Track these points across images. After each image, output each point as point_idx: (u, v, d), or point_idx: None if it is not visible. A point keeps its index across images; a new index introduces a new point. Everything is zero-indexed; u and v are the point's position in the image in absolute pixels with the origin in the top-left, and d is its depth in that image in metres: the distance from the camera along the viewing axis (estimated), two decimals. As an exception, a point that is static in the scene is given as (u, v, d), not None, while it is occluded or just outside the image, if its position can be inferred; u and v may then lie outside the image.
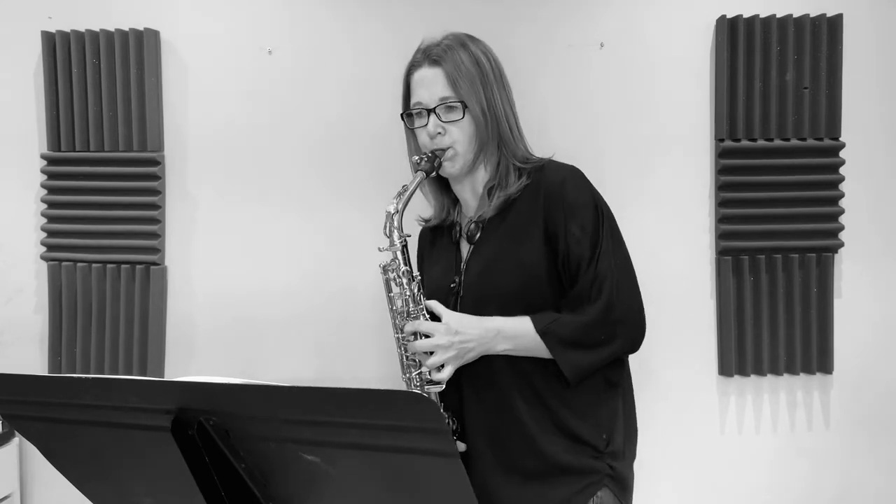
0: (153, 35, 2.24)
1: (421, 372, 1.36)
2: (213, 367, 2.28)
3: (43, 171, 2.29)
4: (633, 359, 2.22)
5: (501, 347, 1.34)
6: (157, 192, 2.26)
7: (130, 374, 2.26)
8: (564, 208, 1.35)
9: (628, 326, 1.36)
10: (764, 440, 2.28)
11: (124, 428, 0.87)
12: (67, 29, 2.25)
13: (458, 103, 1.38)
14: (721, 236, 2.21)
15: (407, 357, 1.38)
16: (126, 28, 2.24)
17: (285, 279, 2.27)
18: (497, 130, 1.41)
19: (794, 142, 2.19)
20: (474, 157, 1.42)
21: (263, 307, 2.28)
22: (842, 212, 2.20)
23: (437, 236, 1.55)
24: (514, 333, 1.33)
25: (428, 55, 1.41)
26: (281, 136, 2.26)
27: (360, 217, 2.25)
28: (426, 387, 1.36)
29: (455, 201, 1.53)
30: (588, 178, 1.40)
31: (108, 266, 2.28)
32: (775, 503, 2.29)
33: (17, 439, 2.31)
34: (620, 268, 1.36)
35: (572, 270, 1.35)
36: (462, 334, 1.32)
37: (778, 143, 2.19)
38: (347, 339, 2.26)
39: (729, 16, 2.17)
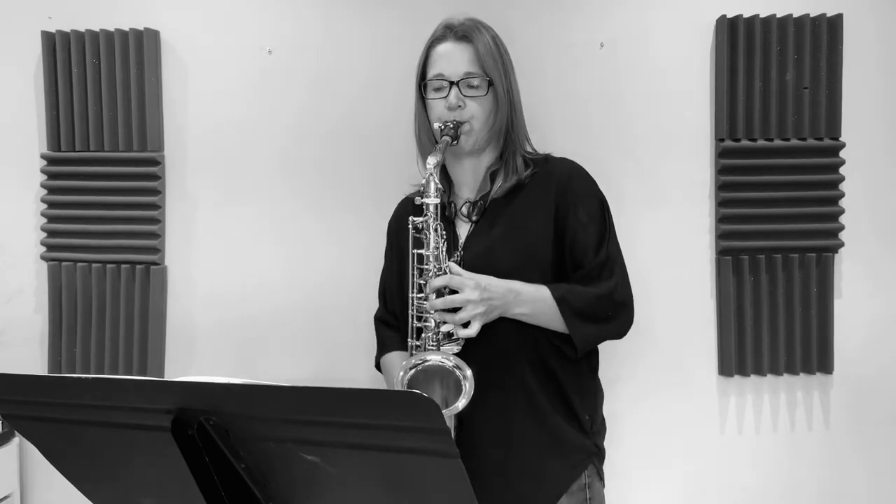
0: (153, 35, 2.24)
1: (439, 331, 1.34)
2: (213, 367, 2.28)
3: (43, 171, 2.29)
4: (632, 358, 2.23)
5: (518, 311, 1.37)
6: (157, 192, 2.26)
7: (130, 374, 2.26)
8: (573, 198, 1.42)
9: (626, 310, 1.45)
10: (764, 440, 2.28)
11: (124, 428, 0.87)
12: (67, 29, 2.25)
13: (484, 80, 1.41)
14: (721, 236, 2.21)
15: (422, 318, 1.37)
16: (126, 28, 2.24)
17: (286, 279, 2.27)
18: (511, 115, 1.46)
19: (794, 142, 2.19)
20: (488, 135, 1.45)
21: (264, 307, 2.28)
22: (842, 212, 2.20)
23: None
24: (533, 298, 1.37)
25: (454, 30, 1.44)
26: (281, 135, 2.26)
27: (361, 217, 2.25)
28: (443, 347, 1.35)
29: (448, 181, 1.55)
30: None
31: (108, 266, 2.28)
32: (775, 503, 2.29)
33: (17, 439, 2.31)
34: (621, 257, 1.47)
35: (577, 256, 1.42)
36: (489, 290, 1.33)
37: (778, 143, 2.19)
38: (347, 339, 2.26)
39: (729, 16, 2.17)
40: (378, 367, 1.67)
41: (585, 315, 1.38)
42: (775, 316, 2.22)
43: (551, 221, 1.41)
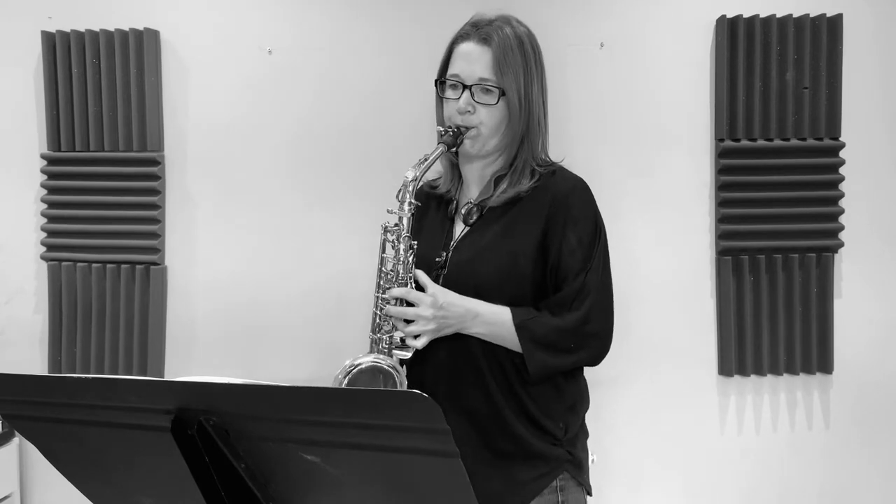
0: (153, 35, 2.24)
1: (392, 335, 1.37)
2: (213, 368, 2.28)
3: (43, 171, 2.29)
4: (632, 358, 2.24)
5: (475, 330, 1.38)
6: (157, 192, 2.26)
7: (130, 374, 2.26)
8: (567, 218, 1.38)
9: (598, 342, 1.42)
10: (764, 440, 2.28)
11: (124, 428, 0.87)
12: (67, 29, 2.25)
13: (497, 89, 1.38)
14: (721, 236, 2.21)
15: (381, 317, 1.40)
16: (126, 28, 2.24)
17: (285, 279, 2.27)
18: (526, 123, 1.42)
19: (794, 142, 2.19)
20: (497, 143, 1.43)
21: (263, 307, 2.28)
22: (842, 212, 2.20)
23: (431, 203, 1.54)
24: (492, 321, 1.37)
25: (478, 30, 1.40)
26: (281, 136, 2.26)
27: (361, 216, 2.25)
28: (394, 351, 1.38)
29: (460, 176, 1.53)
30: (593, 193, 1.44)
31: (108, 266, 2.28)
32: (775, 503, 2.29)
33: (17, 439, 2.31)
34: (604, 288, 1.42)
35: (559, 278, 1.39)
36: (445, 310, 1.35)
37: (778, 143, 2.19)
38: (347, 338, 2.26)
39: (729, 16, 2.17)
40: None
41: (545, 344, 1.36)
42: (775, 316, 2.22)
43: (539, 238, 1.39)
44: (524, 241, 1.39)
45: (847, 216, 2.21)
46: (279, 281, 2.27)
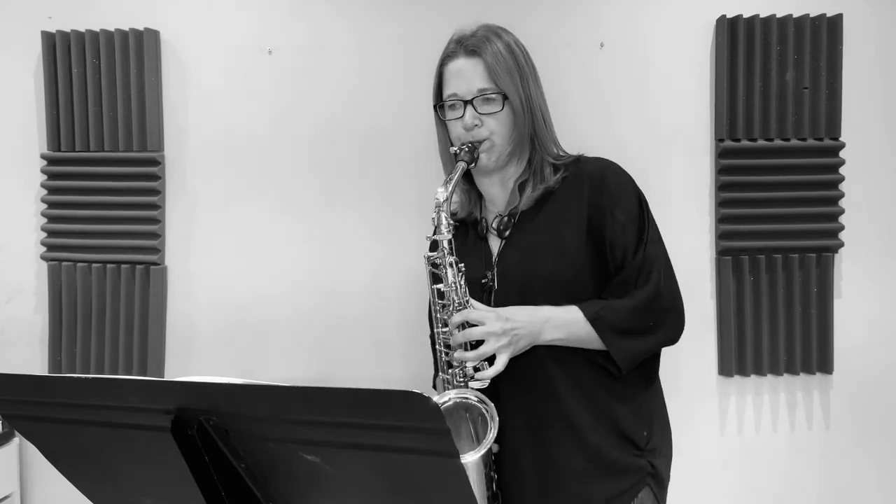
0: (153, 35, 2.24)
1: (465, 367, 1.29)
2: (213, 368, 2.28)
3: (43, 171, 2.29)
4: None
5: (550, 336, 1.29)
6: (157, 192, 2.26)
7: (130, 374, 2.26)
8: (608, 198, 1.34)
9: (673, 315, 1.36)
10: (764, 440, 2.28)
11: (124, 428, 0.87)
12: (67, 29, 2.25)
13: (498, 95, 1.35)
14: (721, 236, 2.21)
15: (447, 353, 1.32)
16: (126, 28, 2.24)
17: (285, 279, 2.27)
18: (532, 124, 1.39)
19: (794, 142, 2.19)
20: (511, 150, 1.39)
21: (263, 307, 2.28)
22: (842, 212, 2.20)
23: (457, 233, 1.46)
24: (565, 322, 1.29)
25: (464, 45, 1.37)
26: (281, 136, 2.26)
27: (360, 217, 2.25)
28: (471, 383, 1.29)
29: (479, 196, 1.49)
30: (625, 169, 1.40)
31: (108, 266, 2.28)
32: (775, 503, 2.29)
33: (17, 439, 2.31)
34: (665, 257, 1.37)
35: (618, 258, 1.34)
36: (512, 321, 1.26)
37: (778, 143, 2.19)
38: (347, 339, 2.26)
39: (729, 16, 2.17)
40: (435, 386, 1.60)
41: (624, 331, 1.29)
42: (775, 316, 2.22)
43: (584, 223, 1.34)
44: (571, 230, 1.34)
45: (847, 216, 2.21)
46: (279, 280, 2.27)
